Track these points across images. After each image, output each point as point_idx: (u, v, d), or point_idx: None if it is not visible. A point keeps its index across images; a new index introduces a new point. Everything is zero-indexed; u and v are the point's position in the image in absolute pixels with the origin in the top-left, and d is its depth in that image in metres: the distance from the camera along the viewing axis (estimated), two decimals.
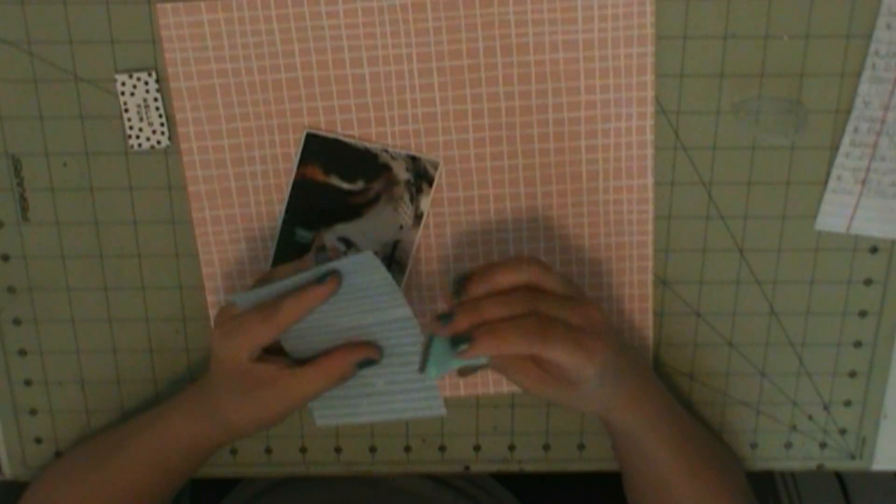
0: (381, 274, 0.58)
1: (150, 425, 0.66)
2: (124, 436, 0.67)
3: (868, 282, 0.69)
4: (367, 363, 0.61)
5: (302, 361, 0.61)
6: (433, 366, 0.57)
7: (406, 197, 0.66)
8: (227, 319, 0.60)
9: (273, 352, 0.61)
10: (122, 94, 0.64)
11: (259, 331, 0.58)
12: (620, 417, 0.62)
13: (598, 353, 0.56)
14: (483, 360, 0.59)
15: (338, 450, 0.73)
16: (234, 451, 0.73)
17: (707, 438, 0.69)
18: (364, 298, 0.59)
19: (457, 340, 0.55)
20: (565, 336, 0.55)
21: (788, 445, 0.73)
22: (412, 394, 0.63)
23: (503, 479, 0.82)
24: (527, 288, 0.57)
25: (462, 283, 0.57)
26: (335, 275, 0.58)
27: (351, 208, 0.66)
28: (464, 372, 0.61)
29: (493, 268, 0.57)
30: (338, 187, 0.66)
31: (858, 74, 0.64)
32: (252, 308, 0.59)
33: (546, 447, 0.73)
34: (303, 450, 0.73)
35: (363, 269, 0.58)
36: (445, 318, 0.55)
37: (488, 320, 0.55)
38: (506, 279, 0.56)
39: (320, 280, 0.58)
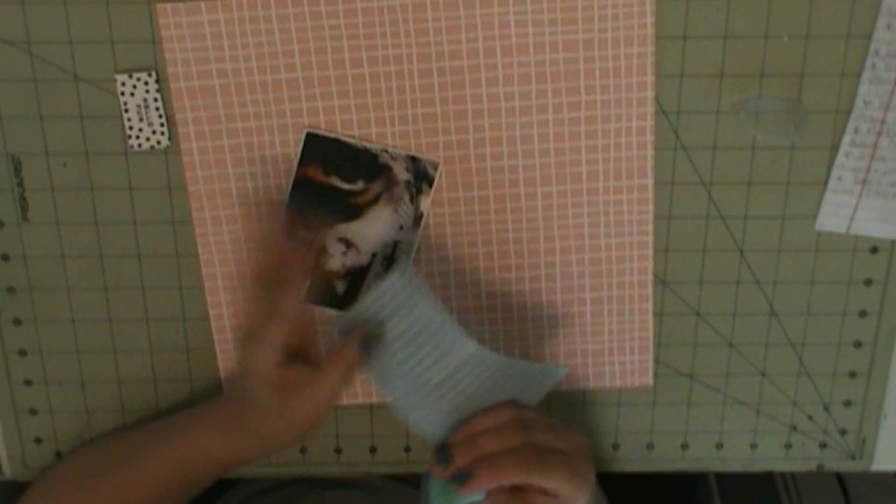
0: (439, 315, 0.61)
1: (173, 437, 0.65)
2: (143, 444, 0.66)
3: (868, 282, 0.69)
4: (370, 346, 0.61)
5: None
6: None
7: (406, 197, 0.66)
8: (249, 331, 0.60)
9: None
10: (122, 94, 0.64)
11: (273, 331, 0.58)
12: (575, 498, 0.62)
13: (589, 476, 0.58)
14: (480, 497, 0.58)
15: (338, 450, 0.73)
16: None
17: None
18: (429, 342, 0.61)
19: (457, 476, 0.56)
20: (560, 463, 0.56)
21: (788, 445, 0.73)
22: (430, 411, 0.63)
23: None
24: (516, 420, 0.58)
25: (446, 449, 0.58)
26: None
27: (351, 208, 0.66)
28: None
29: (474, 424, 0.59)
30: (338, 187, 0.66)
31: (858, 74, 0.64)
32: (259, 317, 0.59)
33: None
34: (303, 450, 0.73)
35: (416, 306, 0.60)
36: (443, 458, 0.57)
37: (486, 454, 0.56)
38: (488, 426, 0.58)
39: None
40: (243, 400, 0.62)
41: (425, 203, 0.66)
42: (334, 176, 0.66)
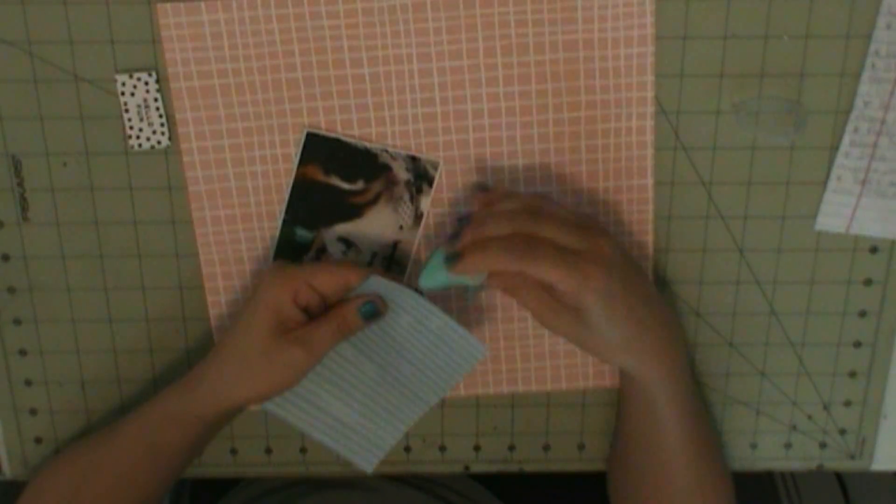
0: (461, 372, 0.64)
1: (139, 411, 0.64)
2: (115, 423, 0.66)
3: (868, 282, 0.69)
4: (373, 312, 0.61)
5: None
6: (426, 276, 0.60)
7: (406, 197, 0.66)
8: (280, 264, 0.61)
9: None
10: (122, 94, 0.64)
11: (325, 272, 0.60)
12: (643, 373, 0.61)
13: (595, 278, 0.56)
14: (478, 282, 0.60)
15: None
16: (233, 451, 0.73)
17: (715, 434, 0.68)
18: (426, 365, 0.64)
19: (450, 256, 0.58)
20: (556, 256, 0.55)
21: (788, 445, 0.73)
22: (358, 438, 0.65)
23: (499, 492, 0.82)
24: (529, 208, 0.58)
25: (462, 220, 0.60)
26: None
27: (351, 208, 0.66)
28: (462, 294, 0.61)
29: (496, 206, 0.59)
30: (338, 187, 0.66)
31: (858, 74, 0.64)
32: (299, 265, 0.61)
33: (546, 447, 0.73)
34: (302, 450, 0.73)
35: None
36: (454, 233, 0.58)
37: (483, 238, 0.57)
38: (507, 205, 0.59)
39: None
40: (224, 343, 0.61)
41: (425, 203, 0.66)
42: (334, 176, 0.66)
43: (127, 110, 0.64)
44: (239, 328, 0.61)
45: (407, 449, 0.73)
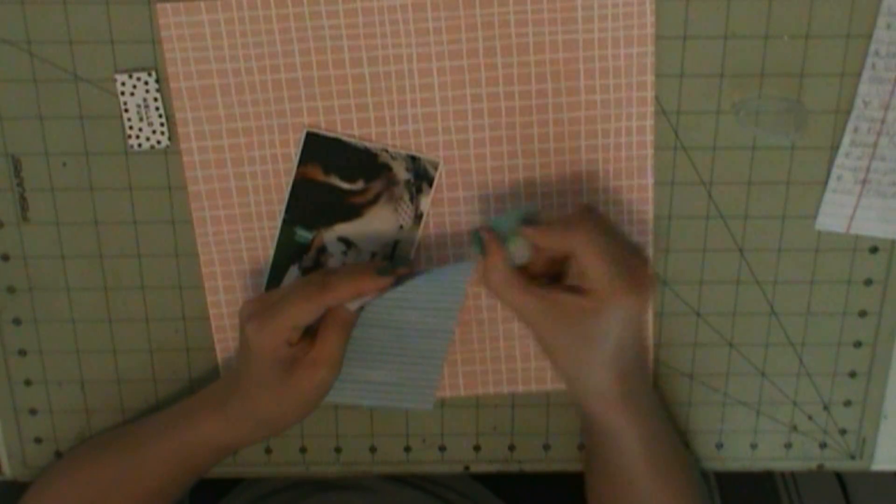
0: (460, 293, 0.63)
1: (171, 427, 0.65)
2: (142, 436, 0.66)
3: (868, 282, 0.69)
4: (364, 299, 0.61)
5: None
6: (502, 219, 0.60)
7: (406, 197, 0.66)
8: (258, 308, 0.59)
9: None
10: (122, 94, 0.64)
11: (301, 310, 0.58)
12: (605, 405, 0.61)
13: (630, 297, 0.57)
14: (520, 256, 0.60)
15: (338, 450, 0.73)
16: (234, 452, 0.73)
17: (675, 437, 0.68)
18: (427, 305, 0.63)
19: (530, 218, 0.60)
20: (608, 257, 0.57)
21: (788, 445, 0.73)
22: (405, 389, 0.67)
23: (499, 492, 0.82)
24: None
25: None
26: (395, 271, 0.60)
27: (351, 208, 0.66)
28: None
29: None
30: (338, 187, 0.66)
31: (858, 74, 0.64)
32: (288, 288, 0.59)
33: (546, 447, 0.73)
34: (303, 450, 0.73)
35: (449, 281, 0.62)
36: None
37: None
38: None
39: (381, 272, 0.60)
40: (243, 380, 0.62)
41: (425, 203, 0.66)
42: (334, 176, 0.66)
43: (127, 110, 0.64)
44: (254, 379, 0.61)
45: (407, 449, 0.73)
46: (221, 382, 0.66)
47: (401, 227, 0.67)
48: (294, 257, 0.67)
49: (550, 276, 0.62)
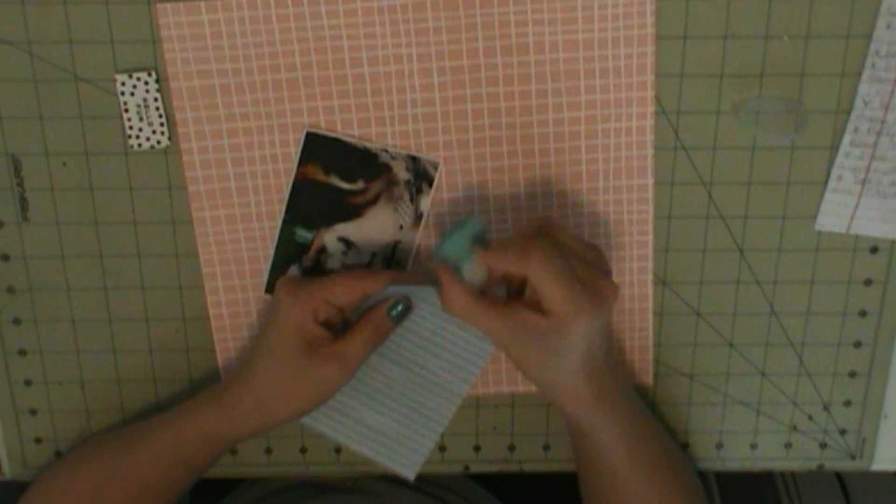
0: (482, 361, 0.65)
1: (171, 425, 0.65)
2: (141, 435, 0.66)
3: (868, 282, 0.69)
4: (404, 311, 0.63)
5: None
6: (449, 245, 0.59)
7: (406, 197, 0.66)
8: (299, 282, 0.61)
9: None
10: (122, 94, 0.64)
11: (340, 286, 0.60)
12: (584, 407, 0.62)
13: (590, 314, 0.57)
14: (474, 276, 0.60)
15: (338, 450, 0.73)
16: (234, 451, 0.73)
17: (662, 436, 0.68)
18: (449, 357, 0.65)
19: (481, 238, 0.60)
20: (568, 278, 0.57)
21: (788, 445, 0.73)
22: (396, 446, 0.66)
23: (499, 493, 0.82)
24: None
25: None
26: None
27: (351, 208, 0.66)
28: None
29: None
30: (338, 187, 0.66)
31: (858, 74, 0.64)
32: (327, 274, 0.61)
33: (546, 447, 0.73)
34: (303, 450, 0.73)
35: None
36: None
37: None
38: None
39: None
40: (255, 355, 0.62)
41: (425, 203, 0.66)
42: (334, 176, 0.66)
43: (127, 110, 0.64)
44: (267, 351, 0.62)
45: None
46: (224, 381, 0.66)
47: (401, 227, 0.67)
48: (294, 257, 0.67)
49: (512, 284, 0.62)
